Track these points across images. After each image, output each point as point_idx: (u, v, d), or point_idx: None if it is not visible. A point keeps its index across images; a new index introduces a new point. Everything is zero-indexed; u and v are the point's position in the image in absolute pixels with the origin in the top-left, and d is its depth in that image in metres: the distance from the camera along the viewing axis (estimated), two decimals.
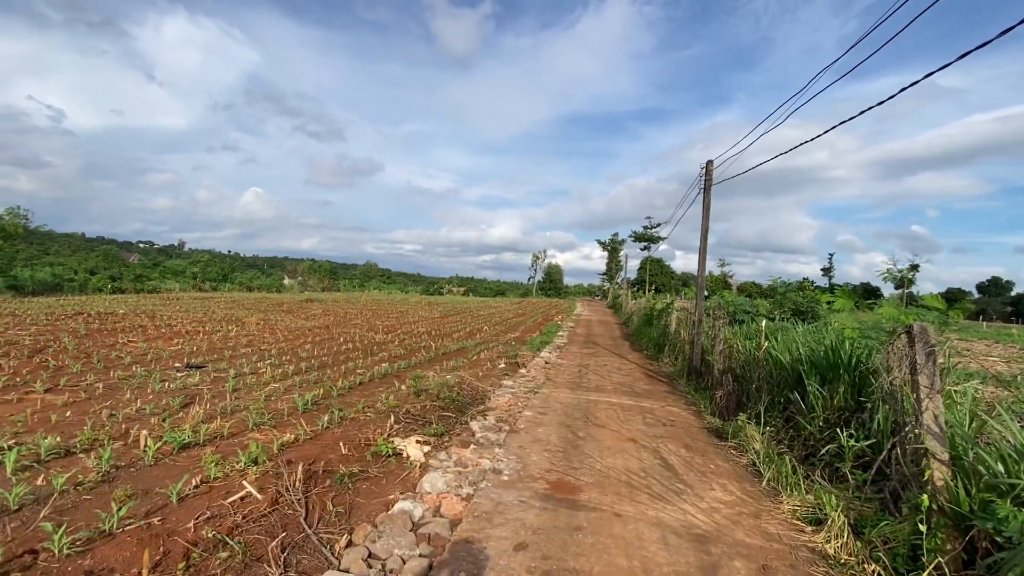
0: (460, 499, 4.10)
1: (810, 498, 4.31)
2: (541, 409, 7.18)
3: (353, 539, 3.41)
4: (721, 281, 60.65)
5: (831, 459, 4.80)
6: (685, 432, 6.48)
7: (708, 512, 4.12)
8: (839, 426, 4.92)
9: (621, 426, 6.54)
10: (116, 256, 57.76)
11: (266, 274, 69.48)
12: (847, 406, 5.18)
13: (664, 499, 4.33)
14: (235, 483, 3.95)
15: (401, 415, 6.29)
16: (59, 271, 34.95)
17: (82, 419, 5.47)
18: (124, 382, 7.37)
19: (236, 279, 50.77)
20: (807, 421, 5.40)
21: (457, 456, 5.10)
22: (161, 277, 44.95)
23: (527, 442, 5.65)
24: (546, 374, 10.07)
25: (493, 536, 3.51)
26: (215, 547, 3.13)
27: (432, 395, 7.34)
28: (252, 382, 7.79)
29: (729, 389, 7.41)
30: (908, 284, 26.89)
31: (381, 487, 4.31)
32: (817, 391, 5.44)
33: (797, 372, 6.05)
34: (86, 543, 3.05)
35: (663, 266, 73.50)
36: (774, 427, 5.90)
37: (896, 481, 3.92)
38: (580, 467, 4.97)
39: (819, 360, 5.79)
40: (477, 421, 6.36)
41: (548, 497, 4.23)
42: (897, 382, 4.13)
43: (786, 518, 4.13)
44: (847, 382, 5.28)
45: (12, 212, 40.60)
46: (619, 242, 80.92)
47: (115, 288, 34.96)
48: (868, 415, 4.77)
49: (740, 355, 7.80)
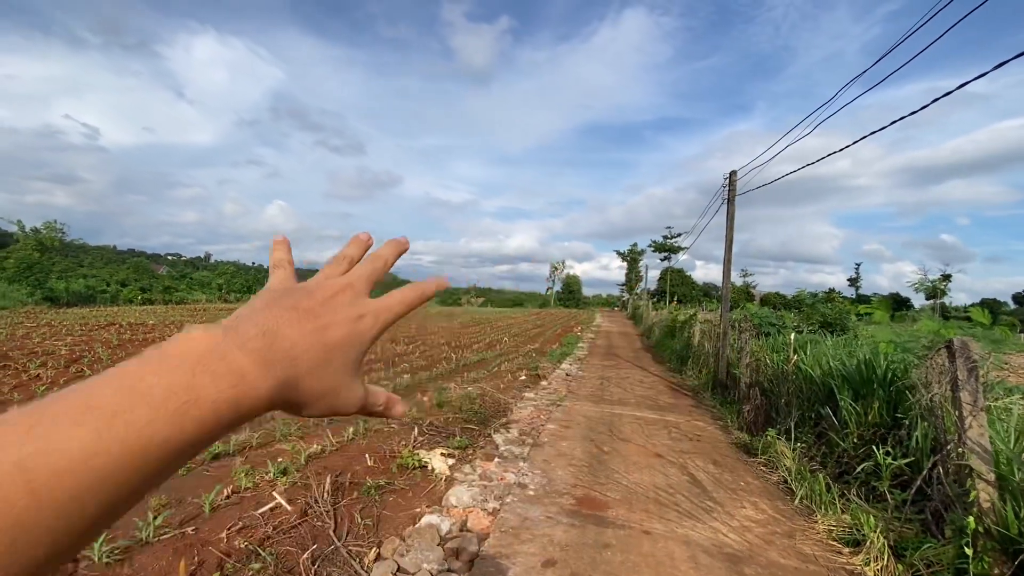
0: (486, 513, 4.09)
1: (846, 518, 4.17)
2: (564, 422, 7.13)
3: (382, 552, 3.42)
4: (744, 292, 59.69)
5: (867, 477, 4.65)
6: (712, 447, 6.36)
7: (740, 531, 4.02)
8: (874, 443, 4.77)
9: (646, 440, 6.45)
10: (146, 268, 59.57)
11: None
12: (883, 422, 5.03)
13: (693, 517, 4.24)
14: (265, 494, 4.00)
15: (425, 427, 6.31)
16: (92, 283, 36.16)
17: None
18: None
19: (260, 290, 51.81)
20: (840, 438, 5.25)
21: (482, 469, 5.08)
22: (188, 289, 46.18)
23: (551, 456, 5.61)
24: (568, 386, 10.01)
25: (521, 552, 3.48)
26: (247, 557, 3.17)
27: (454, 407, 7.35)
28: None
29: (757, 403, 7.25)
30: (940, 295, 26.06)
31: (407, 500, 4.32)
32: (850, 406, 5.29)
33: (828, 386, 5.90)
34: (124, 551, 3.12)
35: (684, 277, 72.75)
36: (805, 443, 5.75)
37: (938, 501, 3.78)
38: (606, 482, 4.91)
39: (852, 374, 5.64)
40: (500, 434, 6.34)
41: (575, 513, 4.18)
42: (937, 398, 4.00)
43: (822, 538, 4.01)
44: (882, 397, 5.12)
45: (49, 226, 42.36)
46: (638, 252, 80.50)
47: (145, 299, 36.03)
48: (906, 432, 4.62)
49: (768, 368, 7.65)
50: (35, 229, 41.32)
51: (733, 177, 10.01)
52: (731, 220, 9.99)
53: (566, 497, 4.49)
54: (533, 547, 3.56)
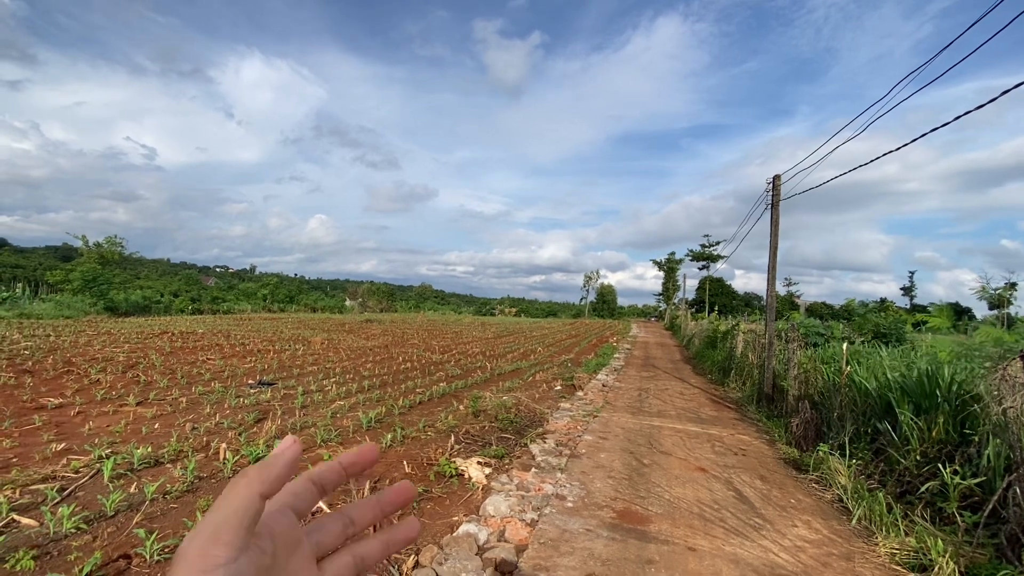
0: (524, 524, 4.01)
1: (911, 541, 3.88)
2: (602, 434, 6.98)
3: (420, 560, 3.40)
4: (788, 301, 57.50)
5: (932, 498, 4.33)
6: (759, 462, 6.08)
7: (792, 551, 3.80)
8: (940, 461, 4.45)
9: (688, 454, 6.23)
10: (195, 280, 62.53)
11: (329, 296, 72.80)
12: (948, 439, 4.68)
13: (741, 534, 4.04)
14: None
15: (461, 435, 6.30)
16: (148, 294, 38.18)
17: (168, 431, 5.85)
18: (204, 397, 7.85)
19: (302, 300, 53.50)
20: (901, 455, 4.92)
21: (519, 480, 5.01)
22: (235, 299, 48.10)
23: (589, 468, 5.48)
24: (604, 397, 9.82)
25: (561, 565, 3.39)
26: None
27: (490, 416, 7.32)
28: (319, 399, 8.08)
29: (806, 417, 6.90)
30: (1006, 304, 24.33)
31: (445, 508, 4.30)
32: (911, 421, 4.96)
33: (886, 400, 5.56)
34: (174, 550, 3.21)
35: (724, 286, 70.74)
36: (861, 460, 5.41)
37: (1014, 524, 3.48)
38: (647, 496, 4.75)
39: (912, 387, 5.30)
40: (536, 444, 6.26)
41: (615, 527, 4.05)
42: (1011, 413, 3.70)
43: (883, 562, 3.74)
44: (947, 412, 4.78)
45: (110, 240, 45.04)
46: (676, 261, 78.85)
47: (195, 309, 37.76)
48: (975, 449, 4.29)
49: (818, 381, 7.29)
50: (97, 244, 44.05)
51: (777, 181, 9.68)
52: (775, 225, 9.64)
53: (606, 510, 4.37)
54: (573, 560, 3.46)
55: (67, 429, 5.90)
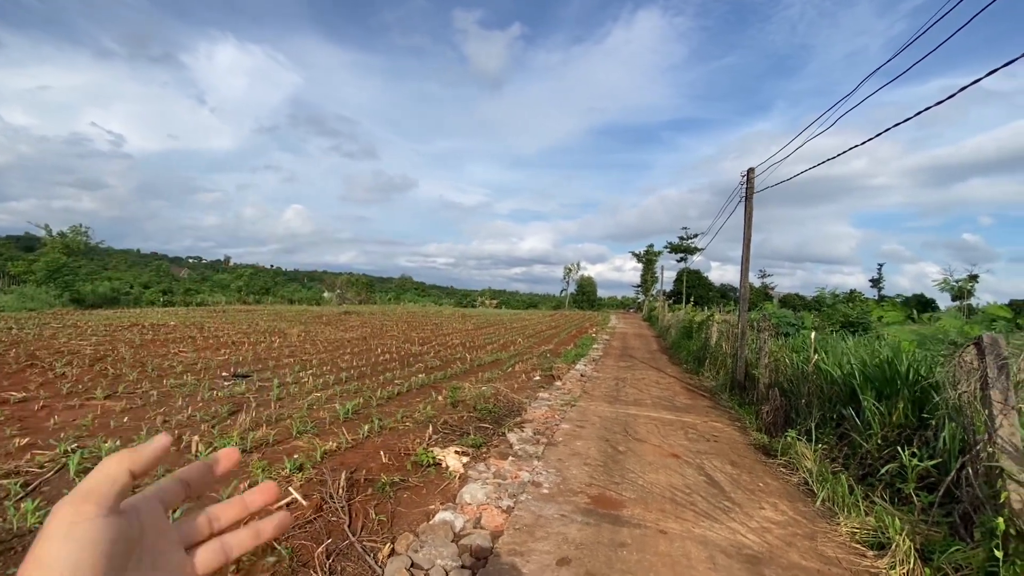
0: (500, 511, 4.06)
1: (870, 520, 4.05)
2: (579, 422, 7.07)
3: (396, 548, 3.42)
4: (762, 293, 58.81)
5: (891, 479, 4.52)
6: (730, 448, 6.25)
7: (759, 532, 3.94)
8: (899, 444, 4.64)
9: (662, 441, 6.36)
10: (167, 271, 60.87)
11: (306, 287, 71.70)
12: (908, 423, 4.89)
13: (711, 517, 4.17)
14: (281, 489, 4.03)
15: (439, 425, 6.31)
16: (116, 285, 37.04)
17: (139, 424, 5.73)
18: (176, 390, 7.68)
19: (278, 292, 52.60)
20: (863, 439, 5.12)
21: (496, 468, 5.06)
22: (209, 291, 47.03)
23: (566, 455, 5.56)
24: (582, 387, 9.94)
25: (535, 550, 3.45)
26: (263, 551, 3.19)
27: (469, 406, 7.34)
28: (295, 391, 7.99)
29: (776, 404, 7.11)
30: (967, 295, 25.35)
31: (421, 496, 4.32)
32: (873, 407, 5.16)
33: (850, 387, 5.76)
34: None
35: (701, 278, 71.92)
36: (826, 444, 5.61)
37: (967, 503, 3.66)
38: (621, 482, 4.85)
39: (874, 374, 5.50)
40: (514, 433, 6.31)
41: (590, 512, 4.14)
42: (965, 397, 3.87)
43: (845, 541, 3.90)
44: (906, 397, 4.98)
45: (75, 230, 43.51)
46: (654, 254, 79.80)
47: (167, 301, 36.81)
48: (932, 433, 4.48)
49: (787, 369, 7.50)
50: (62, 233, 42.47)
51: (751, 174, 9.86)
52: (749, 218, 9.83)
53: (580, 496, 4.45)
54: (547, 545, 3.53)
55: (31, 424, 5.72)
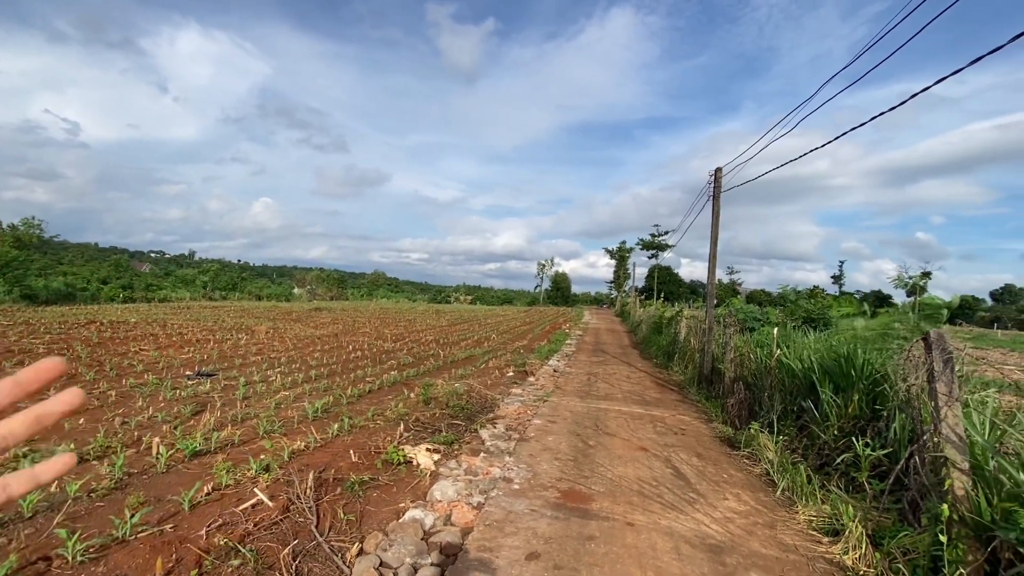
0: (471, 507, 4.08)
1: (826, 508, 4.23)
2: (551, 418, 7.14)
3: (364, 547, 3.40)
4: (730, 289, 60.31)
5: (847, 468, 4.72)
6: (696, 441, 6.41)
7: (722, 522, 4.06)
8: (854, 435, 4.84)
9: (632, 435, 6.48)
10: (127, 266, 58.47)
11: (275, 283, 70.00)
12: (862, 414, 5.10)
13: (677, 508, 4.28)
14: (246, 490, 3.95)
15: (411, 423, 6.28)
16: (72, 280, 35.38)
17: (95, 427, 5.51)
18: (136, 390, 7.42)
19: (246, 288, 51.16)
20: (821, 430, 5.33)
21: (467, 464, 5.07)
22: (172, 287, 45.43)
23: (537, 451, 5.61)
24: (555, 382, 10.03)
25: (505, 545, 3.48)
26: (227, 555, 3.13)
27: (441, 403, 7.33)
28: (262, 390, 7.82)
29: (741, 397, 7.32)
30: (920, 292, 26.61)
31: (392, 495, 4.29)
32: (831, 399, 5.37)
33: (810, 380, 5.97)
34: (99, 550, 3.06)
35: (672, 274, 73.24)
36: (787, 436, 5.82)
37: (915, 491, 3.85)
38: (591, 476, 4.93)
39: (832, 368, 5.72)
40: (487, 429, 6.33)
41: (559, 506, 4.19)
42: (914, 390, 4.07)
43: (802, 528, 4.07)
44: (861, 390, 5.20)
45: (27, 223, 41.36)
46: (627, 250, 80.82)
47: (127, 297, 35.37)
48: (884, 424, 4.70)
49: (752, 363, 7.73)
50: (12, 226, 40.31)
51: (718, 173, 10.09)
52: (716, 216, 10.07)
53: (551, 490, 4.50)
54: (517, 540, 3.56)
55: None
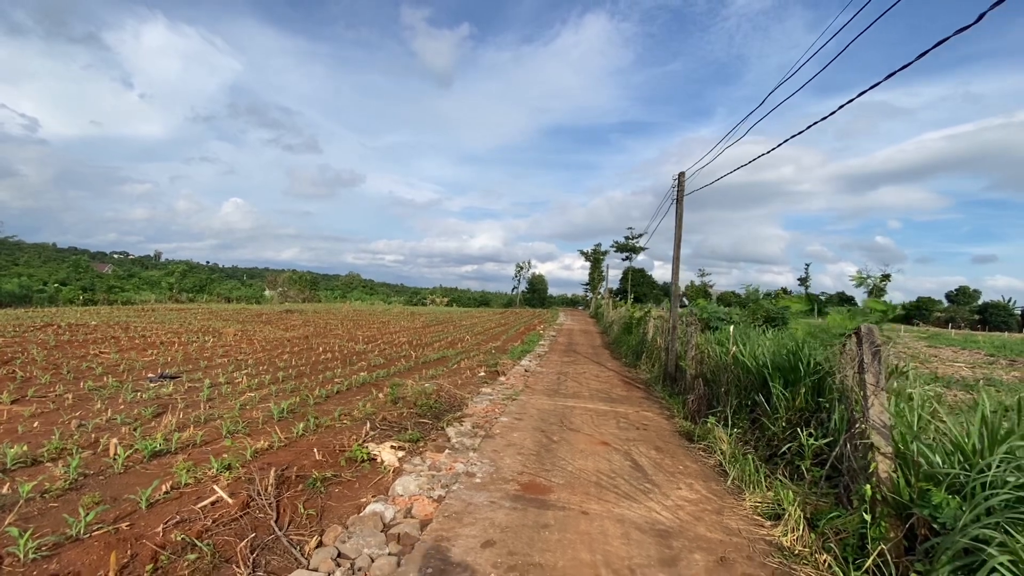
0: (432, 501, 4.18)
1: (771, 495, 4.48)
2: (518, 415, 7.28)
3: (323, 540, 3.47)
4: (701, 291, 61.63)
5: (792, 458, 4.99)
6: (657, 435, 6.64)
7: (672, 509, 4.26)
8: (800, 426, 5.12)
9: (595, 430, 6.67)
10: (87, 266, 56.35)
11: (246, 285, 68.42)
12: (808, 407, 5.39)
13: (631, 498, 4.46)
14: (206, 488, 3.97)
15: (377, 422, 6.33)
16: (28, 282, 34.02)
17: (50, 429, 5.40)
18: (95, 393, 7.27)
19: (214, 290, 49.92)
20: (771, 422, 5.61)
21: (431, 461, 5.16)
22: (136, 288, 44.03)
23: (501, 446, 5.74)
24: (525, 382, 10.18)
25: (462, 535, 3.60)
26: (184, 550, 3.16)
27: (409, 402, 7.39)
28: (227, 392, 7.75)
29: (700, 393, 7.60)
30: (880, 293, 27.78)
31: (354, 491, 4.36)
32: (780, 393, 5.65)
33: (762, 375, 6.26)
34: (52, 548, 3.06)
35: (645, 276, 74.39)
36: (741, 428, 6.09)
37: (848, 476, 4.11)
38: (552, 469, 5.08)
39: (782, 363, 6.01)
40: (453, 427, 6.43)
41: (518, 497, 4.33)
42: (848, 382, 4.35)
43: (747, 514, 4.30)
44: (808, 384, 5.49)
45: None
46: (601, 252, 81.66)
47: (87, 299, 34.15)
48: (826, 415, 4.98)
49: (711, 360, 8.02)
50: None
51: (682, 178, 10.41)
52: (680, 219, 10.39)
53: (511, 483, 4.64)
54: (474, 530, 3.68)
55: None
